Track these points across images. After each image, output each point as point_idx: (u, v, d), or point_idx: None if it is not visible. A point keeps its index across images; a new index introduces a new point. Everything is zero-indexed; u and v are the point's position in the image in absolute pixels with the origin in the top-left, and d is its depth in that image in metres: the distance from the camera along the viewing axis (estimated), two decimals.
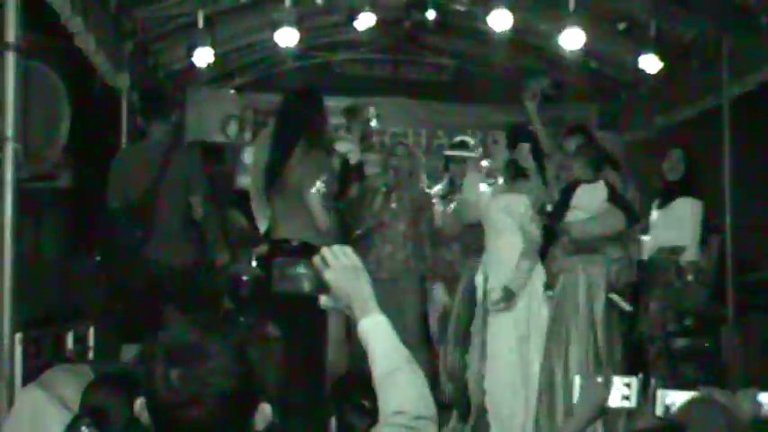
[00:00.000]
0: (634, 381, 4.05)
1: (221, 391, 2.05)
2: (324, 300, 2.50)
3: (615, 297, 6.88)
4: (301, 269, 2.52)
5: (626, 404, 4.14)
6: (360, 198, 8.02)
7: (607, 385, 3.80)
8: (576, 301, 6.86)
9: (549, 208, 7.21)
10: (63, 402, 3.79)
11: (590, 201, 7.02)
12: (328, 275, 2.48)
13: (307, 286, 2.52)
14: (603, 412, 3.85)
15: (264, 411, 2.17)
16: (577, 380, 3.96)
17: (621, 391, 4.10)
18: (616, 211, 6.93)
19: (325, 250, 2.50)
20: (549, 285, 7.05)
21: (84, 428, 3.37)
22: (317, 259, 2.50)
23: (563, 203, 7.13)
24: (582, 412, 3.75)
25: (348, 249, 2.52)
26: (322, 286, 2.48)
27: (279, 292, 2.57)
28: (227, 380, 2.06)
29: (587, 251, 6.94)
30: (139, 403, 2.15)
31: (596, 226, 6.94)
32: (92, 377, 3.80)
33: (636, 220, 7.14)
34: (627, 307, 6.97)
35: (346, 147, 7.07)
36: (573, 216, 7.08)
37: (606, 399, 3.81)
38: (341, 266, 2.48)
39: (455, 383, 7.55)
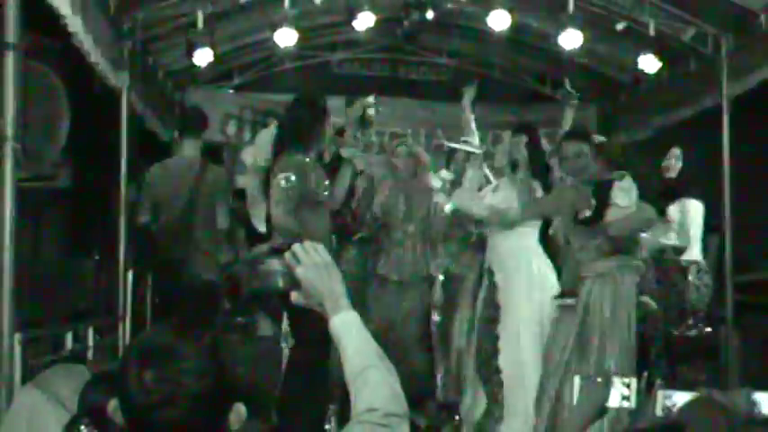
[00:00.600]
0: (634, 381, 4.07)
1: (194, 391, 2.04)
2: (295, 297, 2.49)
3: (645, 299, 6.85)
4: (274, 266, 2.50)
5: (626, 404, 4.16)
6: (365, 199, 8.01)
7: (607, 385, 3.81)
8: (612, 309, 6.71)
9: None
10: (61, 402, 3.78)
11: (625, 197, 6.90)
12: (299, 272, 2.46)
13: (280, 283, 2.50)
14: (603, 412, 3.86)
15: (239, 411, 2.16)
16: (577, 380, 3.97)
17: (621, 392, 4.11)
18: (646, 206, 6.82)
19: (296, 246, 2.48)
20: (565, 293, 6.91)
21: (83, 428, 3.36)
22: (287, 255, 2.49)
23: (603, 201, 6.95)
24: (582, 412, 3.76)
25: (320, 246, 2.49)
26: (295, 283, 2.47)
27: (250, 289, 2.56)
28: (200, 380, 2.05)
29: (623, 251, 6.78)
30: (113, 404, 2.13)
31: (635, 221, 6.78)
32: (89, 377, 3.78)
33: (662, 212, 7.05)
34: (654, 306, 6.96)
35: (350, 152, 7.02)
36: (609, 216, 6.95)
37: (606, 399, 3.81)
38: (312, 263, 2.46)
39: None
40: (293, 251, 2.47)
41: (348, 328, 2.44)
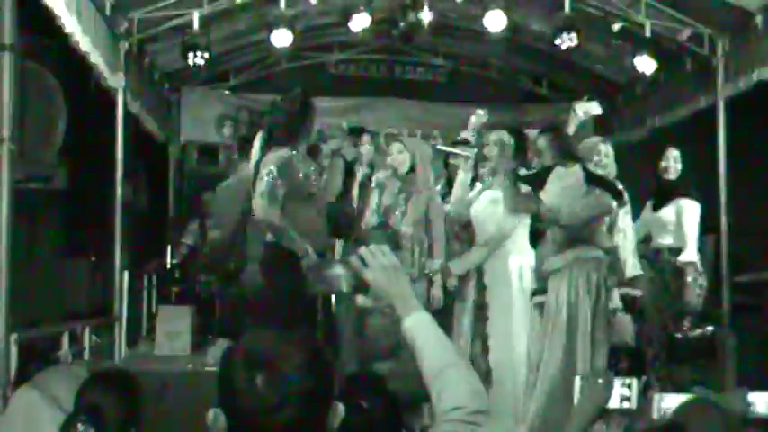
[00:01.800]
0: (635, 382, 4.05)
1: (306, 389, 2.03)
2: (362, 300, 2.50)
3: (628, 290, 6.84)
4: (338, 270, 2.51)
5: (626, 405, 4.15)
6: (363, 198, 8.01)
7: (607, 386, 3.80)
8: (570, 305, 6.72)
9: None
10: (57, 403, 3.79)
11: (569, 185, 6.86)
12: (368, 275, 2.46)
13: (345, 287, 2.51)
14: (603, 413, 3.85)
15: (338, 410, 2.15)
16: (577, 381, 3.95)
17: (622, 393, 4.10)
18: (600, 192, 6.77)
19: (363, 250, 2.48)
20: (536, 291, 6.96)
21: (79, 426, 3.36)
22: (354, 259, 2.49)
23: (539, 185, 6.98)
24: (582, 413, 3.74)
25: (386, 248, 2.50)
26: (360, 286, 2.47)
27: (315, 293, 2.57)
28: (310, 378, 2.05)
29: (580, 242, 6.74)
30: (212, 414, 2.08)
31: (585, 207, 6.73)
32: (86, 378, 3.79)
33: (623, 199, 6.97)
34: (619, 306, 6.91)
35: (336, 143, 7.02)
36: (559, 203, 6.94)
37: (606, 400, 3.80)
38: (380, 266, 2.46)
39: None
40: (361, 254, 2.47)
41: (422, 328, 2.44)
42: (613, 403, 3.87)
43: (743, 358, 8.11)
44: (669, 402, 4.16)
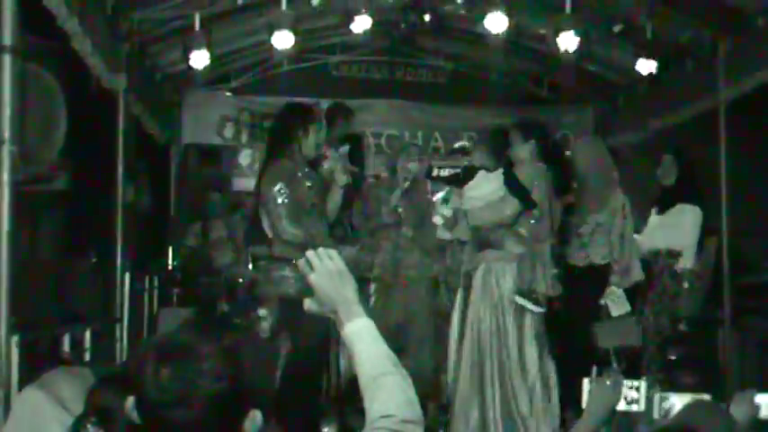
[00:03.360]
0: (643, 384, 4.06)
1: (211, 393, 2.03)
2: (308, 304, 2.47)
3: (519, 299, 6.85)
4: (286, 272, 2.49)
5: (634, 408, 4.15)
6: (366, 201, 8.03)
7: (616, 388, 3.79)
8: (480, 310, 6.89)
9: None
10: (63, 404, 3.79)
11: (487, 188, 7.05)
12: (313, 279, 2.44)
13: (291, 289, 2.50)
14: (613, 415, 3.84)
15: (255, 418, 2.15)
16: (586, 383, 3.96)
17: (629, 395, 4.10)
18: (510, 198, 6.90)
19: (310, 253, 2.46)
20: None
21: (89, 427, 3.37)
22: (301, 262, 2.47)
23: (459, 185, 7.20)
24: (591, 415, 3.74)
25: (333, 252, 2.48)
26: (307, 290, 2.45)
27: (261, 294, 2.54)
28: (218, 382, 2.04)
29: (489, 246, 6.94)
30: (131, 401, 2.11)
31: (489, 211, 6.92)
32: (92, 380, 3.79)
33: (529, 205, 7.03)
34: (535, 309, 6.92)
35: (329, 165, 7.00)
36: (470, 205, 7.13)
37: (617, 401, 3.80)
38: (326, 270, 2.44)
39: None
40: (307, 258, 2.46)
41: (362, 335, 2.43)
42: (620, 405, 3.87)
43: (744, 360, 8.11)
44: (670, 403, 4.16)
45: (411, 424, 2.31)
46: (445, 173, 7.37)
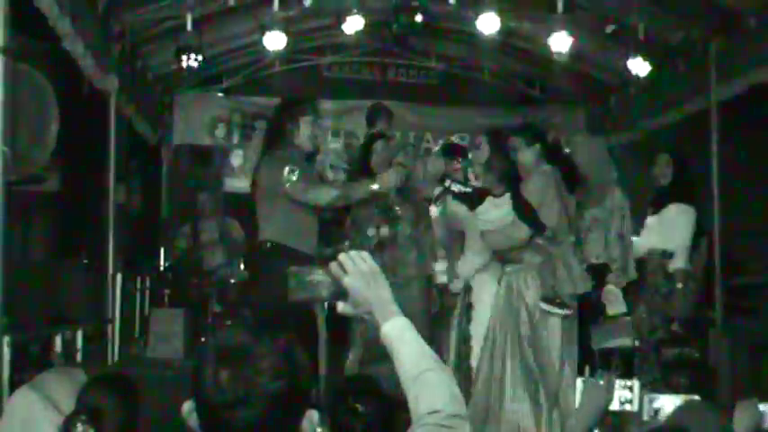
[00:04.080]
0: (636, 384, 4.06)
1: (269, 392, 2.03)
2: (341, 307, 2.47)
3: (544, 305, 6.84)
4: (318, 276, 2.47)
5: (628, 407, 4.16)
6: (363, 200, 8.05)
7: (609, 388, 3.79)
8: (504, 309, 6.93)
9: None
10: (56, 405, 3.79)
11: (496, 214, 7.06)
12: (347, 281, 2.44)
13: (324, 293, 2.48)
14: (606, 415, 3.84)
15: (312, 418, 2.14)
16: (579, 383, 3.96)
17: (623, 395, 4.11)
18: (520, 224, 6.89)
19: (342, 256, 2.46)
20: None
21: (79, 426, 3.37)
22: (333, 266, 2.45)
23: (470, 205, 7.29)
24: (584, 416, 3.74)
25: (365, 254, 2.47)
26: (340, 293, 2.45)
27: (296, 300, 2.52)
28: (276, 381, 2.04)
29: (509, 261, 6.99)
30: (187, 406, 2.10)
31: (501, 237, 6.96)
32: (85, 381, 3.79)
33: (539, 229, 7.05)
34: (561, 312, 6.90)
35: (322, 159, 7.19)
36: (483, 228, 7.16)
37: (609, 402, 3.80)
38: (359, 272, 2.43)
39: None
40: (339, 260, 2.46)
41: (401, 334, 2.42)
42: (615, 405, 3.87)
43: (735, 361, 8.11)
44: (659, 404, 4.16)
45: (458, 418, 2.32)
46: (456, 188, 7.37)
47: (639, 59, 9.12)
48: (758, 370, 8.06)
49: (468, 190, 7.32)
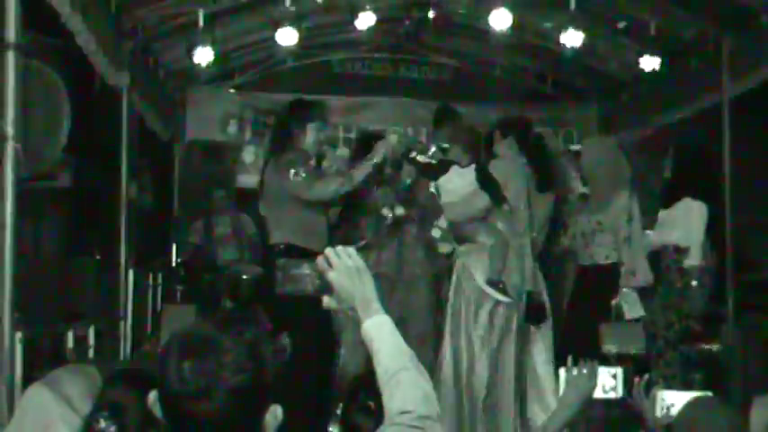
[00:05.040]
0: (620, 370, 4.06)
1: (232, 385, 2.04)
2: (326, 301, 2.48)
3: (487, 288, 6.93)
4: (305, 270, 2.49)
5: (612, 395, 4.16)
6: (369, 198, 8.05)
7: (592, 376, 3.80)
8: (458, 296, 7.06)
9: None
10: (69, 403, 3.78)
11: (459, 183, 7.16)
12: (331, 276, 2.46)
13: (310, 287, 2.50)
14: (590, 403, 3.86)
15: (276, 413, 2.16)
16: (562, 372, 3.97)
17: (607, 382, 4.11)
18: (481, 193, 7.03)
19: (328, 251, 2.48)
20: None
21: (102, 421, 3.38)
22: (319, 260, 2.48)
23: (433, 176, 7.37)
24: (567, 403, 3.75)
25: (351, 250, 2.50)
26: (325, 287, 2.46)
27: (282, 293, 2.55)
28: (239, 375, 2.05)
29: (465, 240, 7.09)
30: (153, 396, 2.14)
31: (461, 206, 7.11)
32: (98, 378, 3.79)
33: (499, 201, 7.16)
34: (502, 298, 7.01)
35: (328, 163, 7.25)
36: (445, 200, 7.26)
37: (593, 390, 3.81)
38: (344, 267, 2.46)
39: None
40: (325, 255, 2.47)
41: (380, 332, 2.45)
42: (599, 393, 3.88)
43: (748, 357, 8.09)
44: (671, 399, 4.16)
45: (428, 420, 2.33)
46: (421, 158, 7.38)
47: (651, 56, 9.10)
48: None
49: (433, 161, 7.36)
